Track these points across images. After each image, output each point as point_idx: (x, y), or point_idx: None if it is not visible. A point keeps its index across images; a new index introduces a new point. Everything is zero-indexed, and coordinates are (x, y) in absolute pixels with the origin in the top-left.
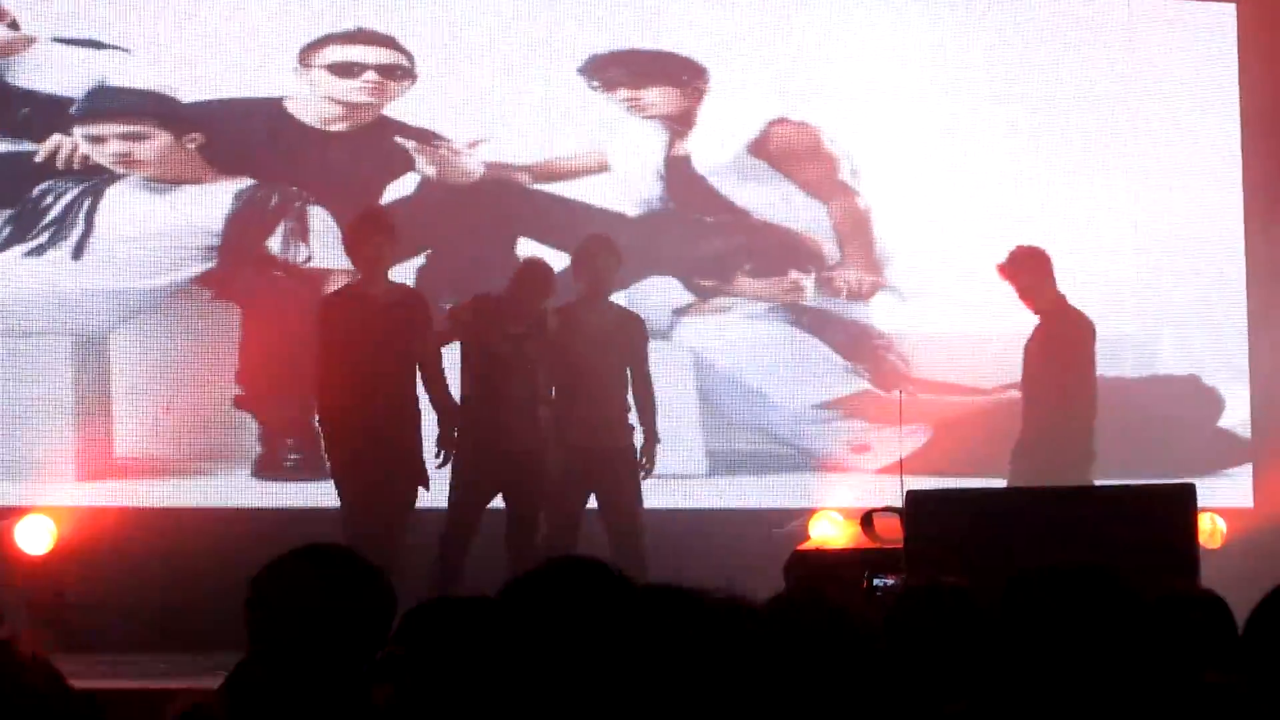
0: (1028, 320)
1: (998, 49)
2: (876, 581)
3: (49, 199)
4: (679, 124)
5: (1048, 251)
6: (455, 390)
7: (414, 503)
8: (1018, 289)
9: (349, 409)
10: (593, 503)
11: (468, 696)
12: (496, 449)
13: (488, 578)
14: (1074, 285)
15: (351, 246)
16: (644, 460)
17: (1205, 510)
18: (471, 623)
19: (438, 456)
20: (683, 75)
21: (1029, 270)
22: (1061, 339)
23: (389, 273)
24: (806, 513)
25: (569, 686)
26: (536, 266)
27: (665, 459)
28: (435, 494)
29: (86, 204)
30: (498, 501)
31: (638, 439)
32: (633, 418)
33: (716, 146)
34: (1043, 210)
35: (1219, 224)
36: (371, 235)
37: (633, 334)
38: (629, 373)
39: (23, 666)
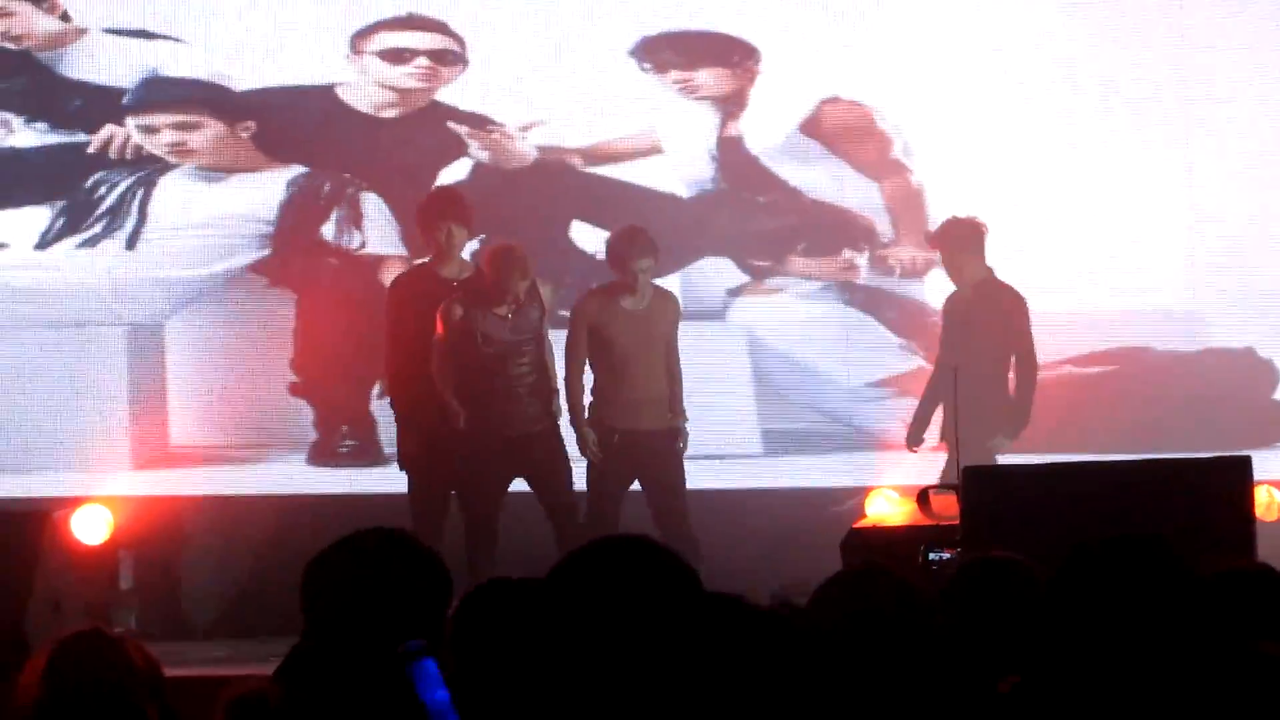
0: (1082, 297)
1: (1049, 24)
2: (932, 556)
3: (102, 189)
4: (731, 104)
5: (983, 223)
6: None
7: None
8: (946, 260)
9: (420, 391)
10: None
11: (523, 678)
12: (505, 434)
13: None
14: (1128, 260)
15: (422, 230)
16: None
17: (1261, 483)
18: (527, 604)
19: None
20: (734, 56)
21: (960, 243)
22: (998, 311)
23: (461, 254)
24: (863, 491)
25: (623, 665)
26: (500, 252)
27: (721, 439)
28: None
29: (140, 194)
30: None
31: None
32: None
33: (769, 126)
34: (1096, 186)
35: (1272, 196)
36: (439, 220)
37: (666, 313)
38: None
39: (132, 662)
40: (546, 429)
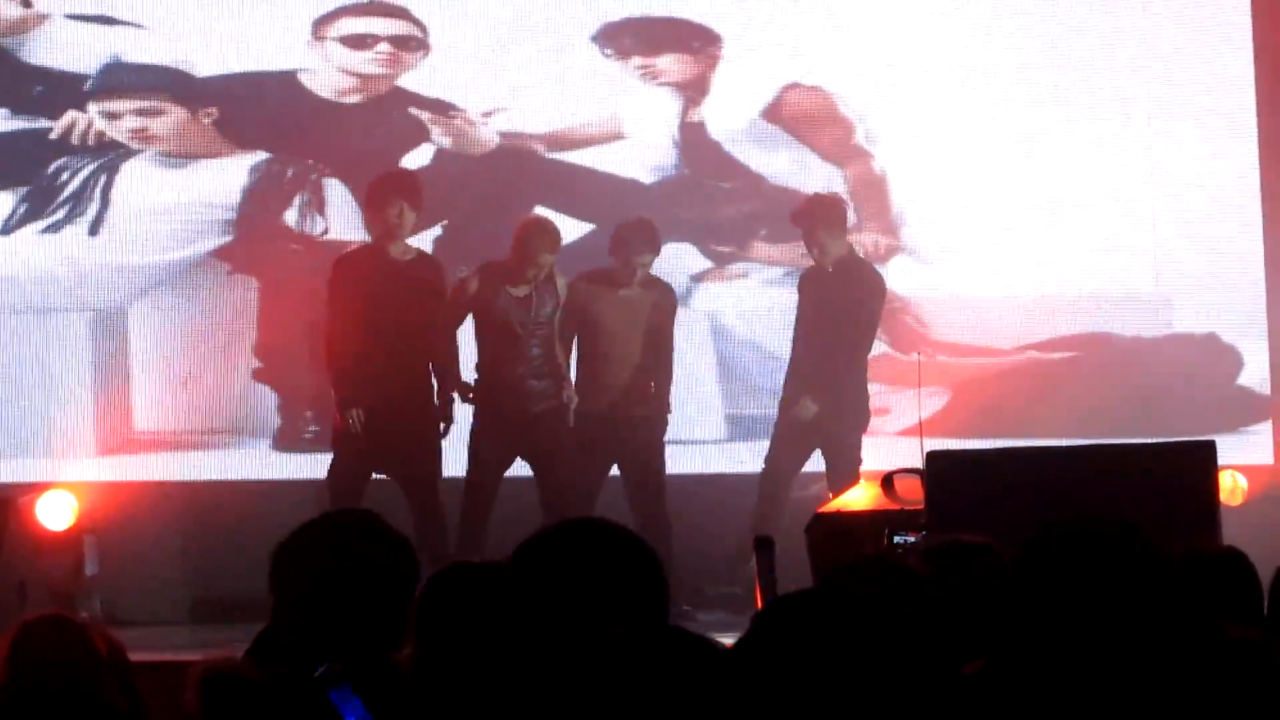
0: (1045, 282)
1: (1012, 10)
2: (897, 539)
3: (65, 176)
4: (693, 90)
5: (845, 200)
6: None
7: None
8: (806, 237)
9: (360, 371)
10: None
11: (485, 661)
12: (513, 415)
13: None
14: (1092, 246)
15: (372, 208)
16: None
17: (1226, 468)
18: (491, 587)
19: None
20: (696, 41)
21: (820, 220)
22: (858, 294)
23: (408, 237)
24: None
25: (582, 647)
26: (531, 223)
27: (685, 425)
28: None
29: (102, 180)
30: (520, 470)
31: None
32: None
33: (731, 112)
34: (1058, 171)
35: (1235, 182)
36: (393, 197)
37: (653, 303)
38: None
39: (96, 649)
40: (552, 409)
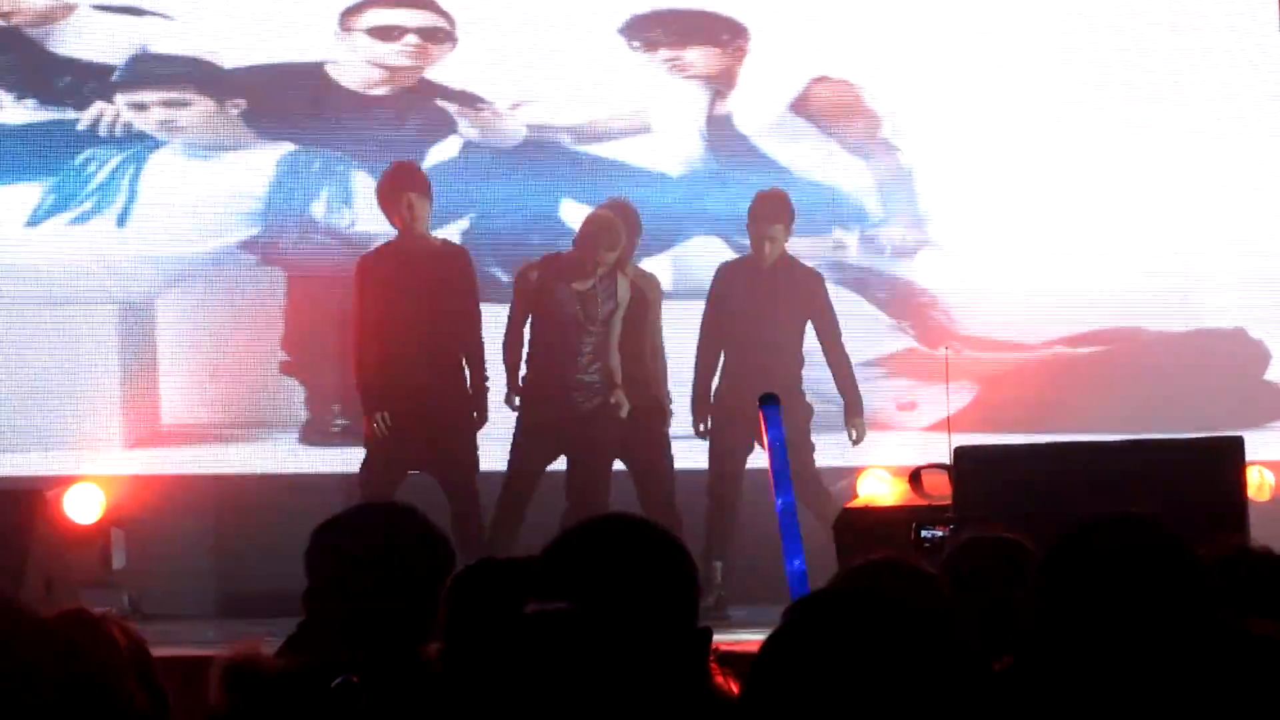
0: (1073, 277)
1: (1041, 4)
2: (925, 533)
3: (92, 167)
4: (720, 83)
5: (789, 201)
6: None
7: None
8: (762, 231)
9: (388, 371)
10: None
11: (513, 657)
12: (562, 411)
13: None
14: (1118, 240)
15: (384, 204)
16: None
17: (1253, 463)
18: (518, 584)
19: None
20: (723, 34)
21: (782, 215)
22: (804, 287)
23: (428, 228)
24: (854, 471)
25: (615, 644)
26: (595, 218)
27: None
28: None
29: (130, 171)
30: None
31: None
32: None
33: (758, 105)
34: (1086, 165)
35: (1264, 175)
36: (399, 191)
37: (644, 292)
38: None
39: (115, 643)
40: (601, 407)
